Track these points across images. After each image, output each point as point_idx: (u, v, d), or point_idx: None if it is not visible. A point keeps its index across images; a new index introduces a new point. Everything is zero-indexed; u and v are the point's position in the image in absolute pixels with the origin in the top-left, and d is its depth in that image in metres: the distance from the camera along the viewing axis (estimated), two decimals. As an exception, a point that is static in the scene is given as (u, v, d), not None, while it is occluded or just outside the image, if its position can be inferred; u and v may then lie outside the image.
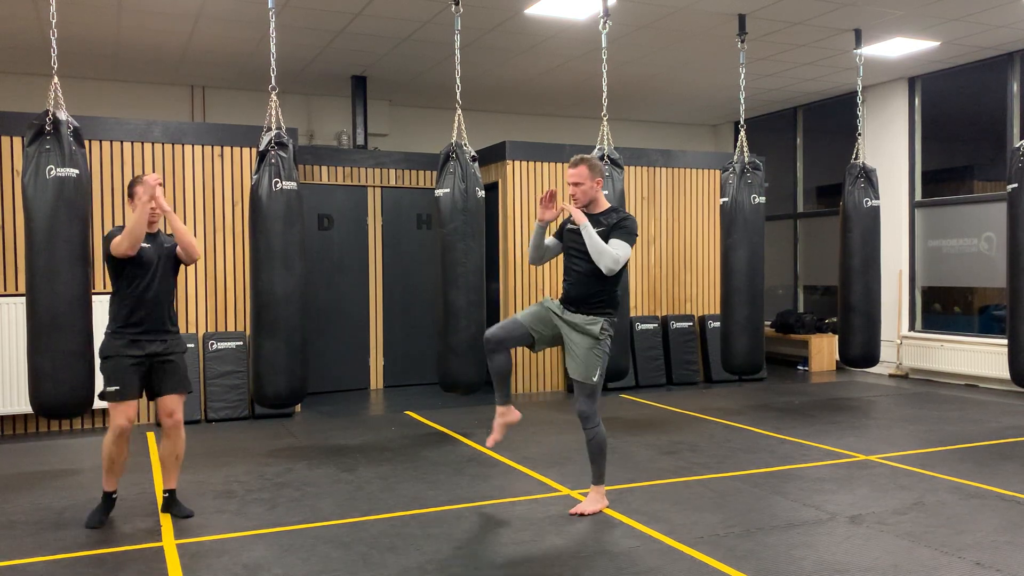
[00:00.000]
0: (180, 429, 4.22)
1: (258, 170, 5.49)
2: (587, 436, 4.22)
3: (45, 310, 4.80)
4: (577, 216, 4.12)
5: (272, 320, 5.47)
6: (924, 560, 3.56)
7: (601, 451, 4.24)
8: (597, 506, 4.25)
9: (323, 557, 3.64)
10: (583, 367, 4.13)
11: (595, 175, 4.19)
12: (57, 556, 3.69)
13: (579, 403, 4.19)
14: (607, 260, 4.03)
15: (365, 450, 5.70)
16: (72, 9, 6.40)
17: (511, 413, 4.39)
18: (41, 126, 4.83)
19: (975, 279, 8.78)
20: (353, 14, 6.75)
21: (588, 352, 4.13)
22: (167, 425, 4.20)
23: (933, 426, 6.43)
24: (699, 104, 10.48)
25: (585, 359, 4.13)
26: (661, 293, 8.83)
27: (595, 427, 4.20)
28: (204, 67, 8.30)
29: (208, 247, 6.94)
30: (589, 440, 4.22)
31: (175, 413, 4.19)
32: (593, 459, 4.26)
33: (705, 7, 6.67)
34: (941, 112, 9.19)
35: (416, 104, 10.02)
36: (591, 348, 4.13)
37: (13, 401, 6.23)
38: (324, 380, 8.10)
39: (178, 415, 4.20)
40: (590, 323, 4.13)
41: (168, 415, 4.19)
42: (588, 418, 4.18)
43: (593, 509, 4.23)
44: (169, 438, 4.21)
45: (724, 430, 6.30)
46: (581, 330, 4.14)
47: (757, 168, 6.95)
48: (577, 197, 4.18)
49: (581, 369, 4.13)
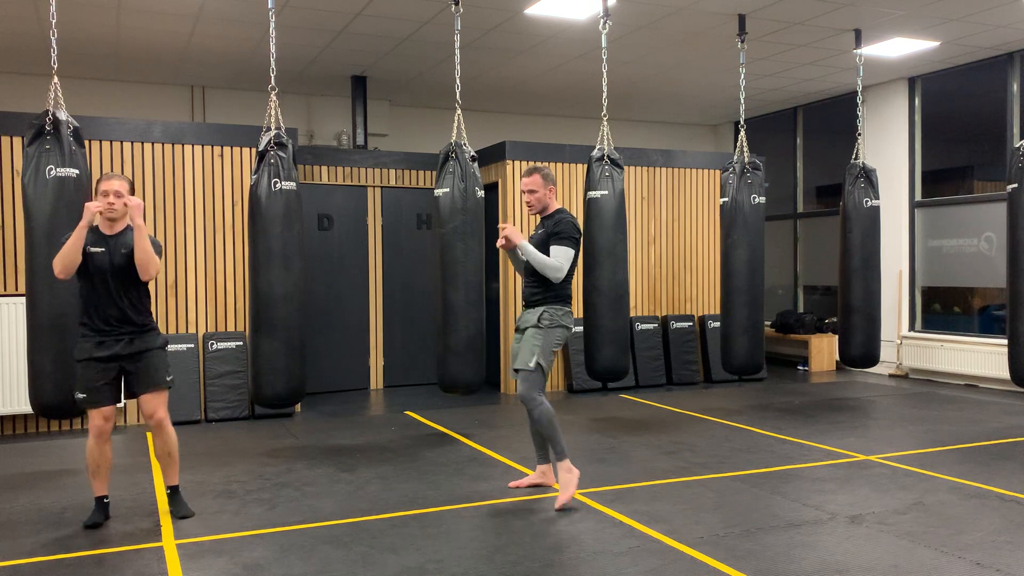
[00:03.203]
0: (165, 427, 4.14)
1: (257, 170, 5.49)
2: (532, 418, 4.40)
3: (45, 310, 4.81)
4: (513, 237, 4.47)
5: (271, 320, 5.47)
6: (924, 560, 3.56)
7: (551, 425, 4.36)
8: (572, 488, 4.33)
9: (323, 557, 3.64)
10: (521, 355, 4.41)
11: (548, 183, 4.58)
12: (57, 556, 3.69)
13: (519, 388, 4.43)
14: (550, 273, 4.40)
15: (365, 450, 5.70)
16: (72, 9, 6.41)
17: (549, 476, 4.64)
18: (41, 126, 4.83)
19: (975, 279, 8.78)
20: (353, 14, 6.75)
21: (528, 341, 4.40)
22: (150, 425, 4.16)
23: (933, 426, 6.43)
24: (699, 104, 10.48)
25: (524, 348, 4.41)
26: (661, 293, 8.83)
27: (538, 406, 4.35)
28: (204, 67, 8.30)
29: (208, 247, 6.94)
30: (535, 420, 4.38)
31: (156, 412, 4.11)
32: (548, 436, 4.38)
33: (705, 7, 6.67)
34: (941, 112, 9.19)
35: (416, 104, 10.02)
36: (531, 337, 4.39)
37: (13, 401, 6.23)
38: (324, 380, 8.10)
39: (159, 414, 4.11)
40: (533, 313, 4.45)
41: (149, 416, 4.12)
42: (528, 399, 4.36)
43: (569, 493, 4.32)
44: (158, 437, 4.17)
45: (724, 430, 6.30)
46: (527, 323, 4.47)
47: (757, 168, 6.95)
48: (531, 203, 4.57)
49: (520, 357, 4.40)
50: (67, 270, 3.99)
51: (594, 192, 6.29)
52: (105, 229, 4.14)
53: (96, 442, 4.05)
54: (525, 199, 4.61)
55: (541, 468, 4.63)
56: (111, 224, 4.14)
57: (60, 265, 3.98)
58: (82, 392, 4.07)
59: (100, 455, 4.07)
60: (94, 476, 4.12)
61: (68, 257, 3.97)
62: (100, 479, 4.13)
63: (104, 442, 4.07)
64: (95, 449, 4.06)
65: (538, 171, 4.59)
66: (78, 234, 3.96)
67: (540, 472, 4.64)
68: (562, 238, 4.44)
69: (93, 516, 4.11)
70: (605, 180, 6.28)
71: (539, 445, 4.59)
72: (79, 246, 3.97)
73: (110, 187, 4.09)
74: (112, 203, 4.07)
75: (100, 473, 4.11)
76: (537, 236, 4.57)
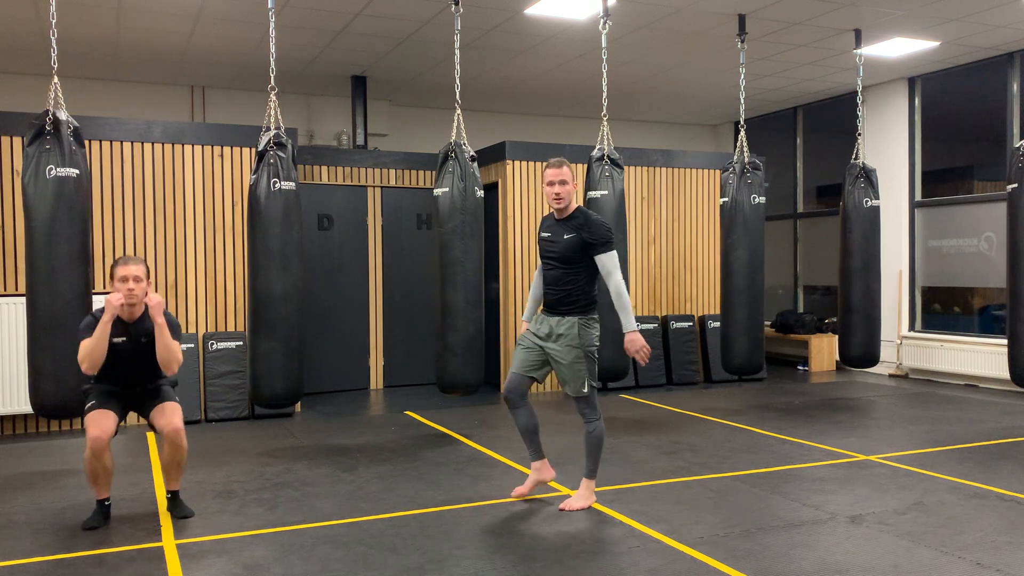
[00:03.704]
0: (181, 438, 4.08)
1: (256, 170, 5.49)
2: (587, 429, 4.30)
3: (45, 310, 4.81)
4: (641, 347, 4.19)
5: (269, 320, 5.47)
6: (924, 560, 3.56)
7: (599, 445, 4.30)
8: (586, 502, 4.30)
9: (323, 557, 3.63)
10: (572, 382, 4.22)
11: (574, 176, 4.31)
12: (57, 556, 3.69)
13: (578, 405, 4.31)
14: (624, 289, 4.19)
15: (365, 450, 5.70)
16: (72, 9, 6.41)
17: (545, 470, 4.51)
18: (41, 126, 4.83)
19: (975, 279, 8.78)
20: (353, 14, 6.75)
21: (572, 365, 4.20)
22: (167, 432, 4.05)
23: (933, 426, 6.43)
24: (699, 104, 10.48)
25: (571, 372, 4.21)
26: (661, 293, 8.83)
27: (596, 420, 4.28)
28: (204, 67, 8.30)
29: (208, 247, 6.94)
30: (589, 432, 4.29)
31: (173, 421, 4.06)
32: (590, 452, 4.30)
33: (705, 7, 6.67)
34: (941, 112, 9.19)
35: (416, 104, 10.02)
36: (575, 360, 4.19)
37: (13, 401, 6.23)
38: (324, 380, 8.10)
39: (177, 422, 4.07)
40: (564, 324, 4.21)
41: (166, 426, 4.05)
42: (585, 415, 4.29)
43: (582, 505, 4.28)
44: (171, 444, 4.07)
45: (724, 430, 6.30)
46: (556, 336, 4.23)
47: (757, 168, 6.95)
48: (561, 196, 4.21)
49: (572, 384, 4.23)
50: (95, 366, 3.97)
51: (594, 192, 6.30)
52: (124, 316, 4.09)
53: (94, 454, 3.95)
54: (554, 191, 4.20)
55: (535, 465, 4.51)
56: (130, 310, 4.08)
57: (88, 362, 3.94)
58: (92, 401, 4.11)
59: (99, 465, 4.00)
60: (94, 483, 4.07)
61: (96, 353, 3.93)
62: (100, 485, 4.08)
63: (101, 454, 3.97)
64: (94, 461, 3.97)
65: (566, 163, 4.28)
66: (103, 329, 3.91)
67: (535, 469, 4.52)
68: (607, 245, 4.17)
69: (92, 518, 4.07)
70: (605, 180, 6.29)
71: (531, 442, 4.46)
72: (105, 342, 3.93)
73: (128, 272, 4.00)
74: (132, 289, 4.00)
75: (100, 480, 4.06)
76: (565, 241, 4.19)
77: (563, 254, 4.22)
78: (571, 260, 4.21)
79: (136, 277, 4.01)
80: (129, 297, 3.99)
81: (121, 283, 3.99)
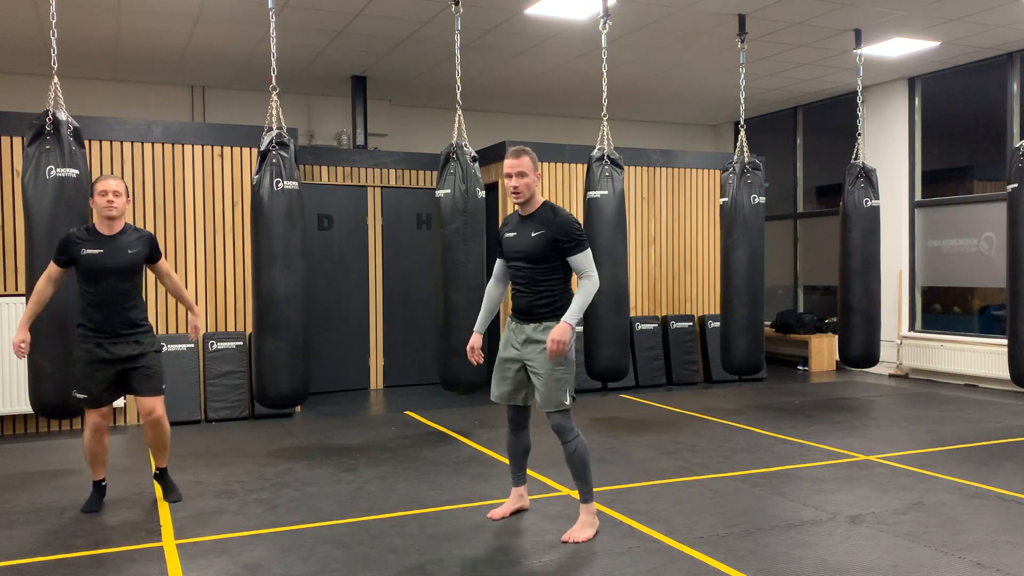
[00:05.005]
0: (162, 422, 4.35)
1: (259, 170, 5.49)
2: (567, 450, 3.83)
3: (45, 310, 4.79)
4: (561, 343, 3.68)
5: (274, 320, 5.47)
6: (924, 560, 3.56)
7: (584, 464, 3.84)
8: (591, 529, 3.86)
9: (323, 557, 3.64)
10: (549, 395, 3.77)
11: (536, 167, 3.83)
12: (57, 556, 3.69)
13: (554, 422, 3.83)
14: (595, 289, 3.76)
15: (365, 450, 5.70)
16: (72, 9, 6.41)
17: (524, 499, 4.20)
18: (41, 126, 4.83)
19: (975, 279, 8.78)
20: (353, 14, 6.75)
21: (550, 376, 3.75)
22: (147, 421, 4.32)
23: (933, 426, 6.43)
24: (699, 104, 10.48)
25: (548, 384, 3.75)
26: (661, 293, 8.83)
27: (574, 439, 3.82)
28: (204, 67, 8.30)
29: (208, 247, 6.94)
30: (571, 453, 3.83)
31: (154, 411, 4.30)
32: (577, 474, 3.86)
33: (705, 7, 6.67)
34: (941, 112, 9.19)
35: (416, 104, 10.02)
36: (552, 370, 3.75)
37: (13, 401, 6.23)
38: (324, 380, 8.10)
39: (157, 411, 4.31)
40: (542, 331, 3.78)
41: (148, 413, 4.30)
42: (564, 431, 3.82)
43: (587, 535, 3.82)
44: (152, 430, 4.34)
45: (724, 430, 6.30)
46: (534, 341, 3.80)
47: (757, 168, 6.96)
48: (519, 190, 3.78)
49: (549, 398, 3.77)
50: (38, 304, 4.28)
51: (594, 192, 6.30)
52: (103, 229, 4.21)
53: (93, 436, 4.26)
54: (512, 184, 3.77)
55: (517, 491, 4.17)
56: (109, 224, 4.21)
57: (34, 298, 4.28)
58: (82, 393, 4.21)
59: (98, 446, 4.30)
60: (92, 464, 4.35)
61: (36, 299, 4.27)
62: (97, 466, 4.36)
63: (101, 435, 4.28)
64: (92, 441, 4.27)
65: (527, 152, 3.81)
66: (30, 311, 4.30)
67: (517, 495, 4.17)
68: (580, 244, 3.74)
69: (91, 502, 4.33)
70: (605, 180, 6.29)
71: (518, 465, 4.12)
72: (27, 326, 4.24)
73: (108, 187, 4.18)
74: (112, 202, 4.16)
75: (97, 461, 4.34)
76: (533, 239, 3.78)
77: (530, 252, 3.78)
78: (541, 259, 3.78)
79: (115, 191, 4.18)
80: (109, 209, 4.17)
81: (101, 196, 4.17)
